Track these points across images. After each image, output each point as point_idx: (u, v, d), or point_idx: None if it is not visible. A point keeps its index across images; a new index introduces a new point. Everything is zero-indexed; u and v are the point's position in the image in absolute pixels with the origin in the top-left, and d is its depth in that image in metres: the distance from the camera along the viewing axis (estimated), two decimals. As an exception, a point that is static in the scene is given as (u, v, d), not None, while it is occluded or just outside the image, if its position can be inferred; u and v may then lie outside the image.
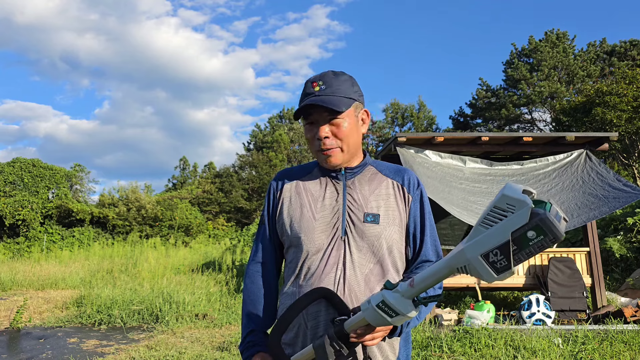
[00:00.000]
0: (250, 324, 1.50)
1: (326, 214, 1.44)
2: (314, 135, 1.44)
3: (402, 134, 7.45)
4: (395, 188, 1.49)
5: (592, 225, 7.53)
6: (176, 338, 6.13)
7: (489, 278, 1.02)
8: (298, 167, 1.59)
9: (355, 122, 1.46)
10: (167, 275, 10.78)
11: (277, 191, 1.55)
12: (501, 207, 0.99)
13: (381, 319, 1.17)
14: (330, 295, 1.32)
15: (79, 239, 19.73)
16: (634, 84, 15.28)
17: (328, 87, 1.42)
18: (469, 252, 1.03)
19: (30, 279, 11.13)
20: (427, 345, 5.26)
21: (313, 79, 1.44)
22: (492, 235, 1.00)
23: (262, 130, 33.23)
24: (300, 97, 1.47)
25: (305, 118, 1.44)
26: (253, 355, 1.44)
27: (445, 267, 1.10)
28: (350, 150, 1.45)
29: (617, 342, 5.15)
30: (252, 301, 1.53)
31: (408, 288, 1.16)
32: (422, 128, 30.72)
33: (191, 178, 32.31)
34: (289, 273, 1.49)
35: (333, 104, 1.39)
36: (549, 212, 0.95)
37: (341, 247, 1.40)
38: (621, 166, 16.77)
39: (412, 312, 1.17)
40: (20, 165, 20.83)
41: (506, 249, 0.98)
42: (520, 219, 0.96)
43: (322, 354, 1.23)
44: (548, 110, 25.04)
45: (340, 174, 1.49)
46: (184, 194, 26.25)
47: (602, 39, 26.59)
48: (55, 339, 6.24)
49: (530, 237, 0.96)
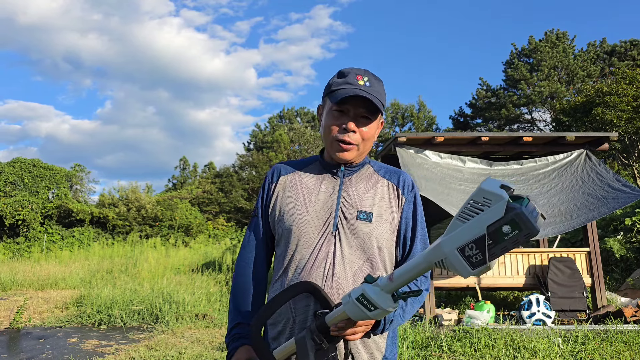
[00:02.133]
0: (237, 316, 1.49)
1: (319, 208, 1.44)
2: (341, 124, 1.42)
3: (402, 134, 7.46)
4: (390, 189, 1.50)
5: (592, 226, 7.53)
6: (176, 338, 6.13)
7: (465, 273, 1.02)
8: (297, 160, 1.59)
9: (376, 127, 1.48)
10: (167, 275, 10.79)
11: (272, 183, 1.54)
12: (478, 201, 0.99)
13: (360, 312, 1.17)
14: (314, 290, 1.31)
15: (79, 239, 19.73)
16: (634, 84, 15.28)
17: (371, 86, 1.41)
18: (445, 246, 1.03)
19: (30, 279, 11.13)
20: (427, 345, 5.26)
21: (357, 72, 1.43)
22: (469, 229, 1.00)
23: (262, 130, 33.23)
24: (336, 82, 1.43)
25: (338, 105, 1.42)
26: (238, 347, 1.43)
27: (424, 262, 1.10)
28: (363, 151, 1.47)
29: (617, 342, 5.15)
30: (241, 294, 1.52)
31: (388, 282, 1.17)
32: (422, 128, 30.72)
33: (191, 178, 32.31)
34: (278, 266, 1.48)
35: (377, 104, 1.39)
36: (526, 208, 0.95)
37: (331, 242, 1.40)
38: (621, 166, 16.78)
39: (391, 306, 1.17)
40: (21, 165, 20.83)
41: (482, 243, 0.98)
42: (496, 213, 0.96)
43: (302, 347, 1.23)
44: (548, 110, 25.03)
45: (340, 171, 1.49)
46: (184, 194, 26.25)
47: (602, 39, 26.60)
48: (55, 339, 6.24)
49: (506, 232, 0.96)
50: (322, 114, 1.51)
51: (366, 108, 1.41)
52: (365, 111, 1.41)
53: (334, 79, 1.46)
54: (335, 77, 1.46)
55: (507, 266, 7.44)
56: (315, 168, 1.53)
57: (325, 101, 1.50)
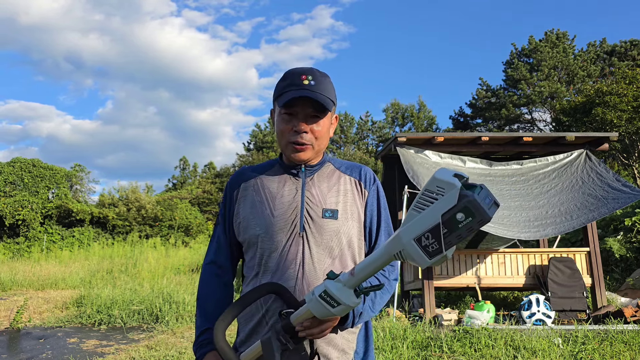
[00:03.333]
0: (205, 323, 1.47)
1: (284, 210, 1.44)
2: (291, 127, 1.43)
3: (402, 134, 7.47)
4: (352, 184, 1.51)
5: (592, 226, 7.53)
6: (176, 338, 6.13)
7: (423, 262, 1.02)
8: (256, 166, 1.58)
9: (329, 124, 1.48)
10: (167, 275, 10.79)
11: (234, 190, 1.53)
12: (432, 190, 1.00)
13: (324, 309, 1.17)
14: (280, 290, 1.31)
15: (79, 239, 19.73)
16: (634, 84, 15.29)
17: (317, 85, 1.40)
18: (404, 237, 1.04)
19: (30, 279, 11.12)
20: (427, 345, 5.26)
21: (301, 72, 1.43)
22: (424, 219, 1.00)
23: (262, 130, 33.22)
24: (281, 85, 1.44)
25: (285, 108, 1.42)
26: (206, 353, 1.42)
27: (385, 254, 1.10)
28: (319, 149, 1.47)
29: (617, 342, 5.15)
30: (207, 301, 1.51)
31: (349, 277, 1.16)
32: (422, 128, 30.72)
33: (191, 178, 32.33)
34: (249, 272, 1.47)
35: (324, 102, 1.39)
36: (478, 195, 0.96)
37: (299, 244, 1.40)
38: (621, 166, 16.78)
39: (353, 302, 1.17)
40: (20, 165, 20.83)
41: (437, 232, 0.99)
42: (449, 201, 0.97)
43: (268, 348, 1.21)
44: (548, 110, 25.03)
45: (301, 172, 1.49)
46: (183, 194, 26.25)
47: (602, 39, 26.60)
48: (55, 339, 6.24)
49: (460, 219, 0.97)
50: (274, 119, 1.52)
51: (313, 107, 1.41)
52: (313, 111, 1.41)
53: (279, 82, 1.47)
54: (281, 80, 1.46)
55: (507, 266, 7.44)
56: (276, 171, 1.52)
57: (274, 105, 1.50)
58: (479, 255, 7.53)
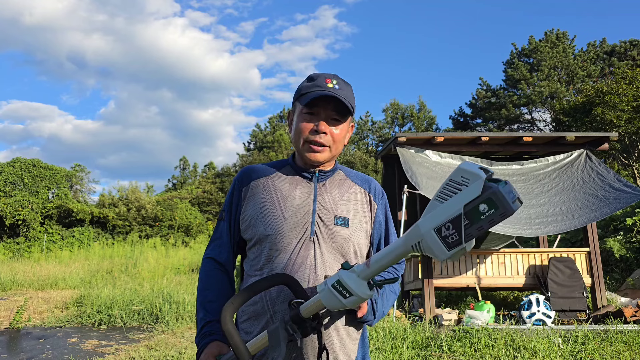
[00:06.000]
0: (206, 315, 1.45)
1: (296, 213, 1.43)
2: (312, 125, 1.44)
3: (402, 134, 7.47)
4: (362, 195, 1.53)
5: (592, 226, 7.53)
6: (176, 338, 6.13)
7: (441, 254, 1.02)
8: (267, 164, 1.58)
9: (346, 131, 1.50)
10: (167, 275, 10.79)
11: (242, 187, 1.52)
12: (456, 181, 1.00)
13: (335, 300, 1.17)
14: (291, 282, 1.30)
15: (79, 239, 19.72)
16: (634, 84, 15.29)
17: (340, 90, 1.43)
18: (423, 227, 1.04)
19: (30, 279, 11.12)
20: (427, 345, 5.26)
21: (326, 76, 1.45)
22: (446, 209, 1.00)
23: (263, 130, 33.22)
24: (305, 86, 1.46)
25: (308, 107, 1.44)
26: (208, 343, 1.39)
27: (402, 245, 1.10)
28: (335, 153, 1.48)
29: (617, 342, 5.15)
30: (208, 294, 1.49)
31: (364, 268, 1.16)
32: (422, 128, 30.72)
33: (191, 178, 32.32)
34: (252, 269, 1.46)
35: (347, 104, 1.41)
36: (503, 188, 0.96)
37: (310, 248, 1.40)
38: (621, 166, 16.78)
39: (366, 293, 1.17)
40: (20, 165, 20.82)
41: (458, 223, 0.99)
42: (473, 191, 0.97)
43: (274, 337, 1.20)
44: (548, 110, 25.02)
45: (315, 176, 1.49)
46: (184, 194, 26.25)
47: (602, 39, 26.60)
48: (55, 339, 6.24)
49: (482, 211, 0.96)
50: (292, 120, 1.52)
51: (336, 109, 1.43)
52: (335, 113, 1.43)
53: (303, 83, 1.48)
54: (305, 82, 1.48)
55: (507, 266, 7.44)
56: (288, 172, 1.52)
57: (295, 106, 1.51)
58: (479, 255, 7.53)
